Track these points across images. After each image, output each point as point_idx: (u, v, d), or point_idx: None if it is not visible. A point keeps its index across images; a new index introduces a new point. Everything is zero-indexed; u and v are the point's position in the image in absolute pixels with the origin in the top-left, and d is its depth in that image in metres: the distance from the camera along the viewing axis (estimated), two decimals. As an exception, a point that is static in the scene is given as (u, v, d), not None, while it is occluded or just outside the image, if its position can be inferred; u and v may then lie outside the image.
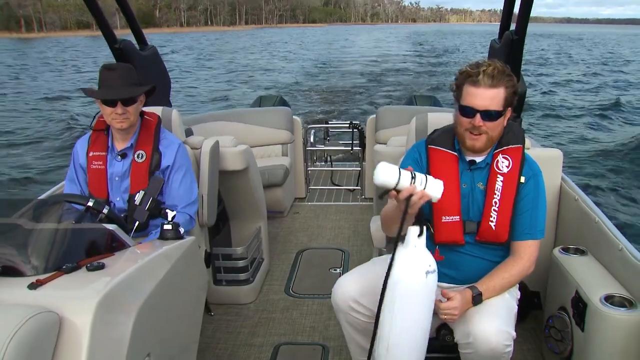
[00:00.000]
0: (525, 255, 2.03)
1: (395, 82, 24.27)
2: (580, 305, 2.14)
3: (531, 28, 3.09)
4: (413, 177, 1.72)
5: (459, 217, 2.05)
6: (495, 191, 2.02)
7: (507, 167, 2.04)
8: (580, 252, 2.46)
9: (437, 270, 1.79)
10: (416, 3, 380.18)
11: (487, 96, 1.90)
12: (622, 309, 1.99)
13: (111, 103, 2.34)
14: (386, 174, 1.70)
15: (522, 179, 2.03)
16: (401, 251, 1.76)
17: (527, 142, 2.80)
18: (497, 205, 2.02)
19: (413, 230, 1.75)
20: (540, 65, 33.74)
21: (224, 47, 59.71)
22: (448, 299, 1.90)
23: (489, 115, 1.93)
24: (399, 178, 1.70)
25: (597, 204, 2.64)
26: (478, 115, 1.93)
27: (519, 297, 2.16)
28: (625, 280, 2.15)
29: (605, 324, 2.00)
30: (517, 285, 2.18)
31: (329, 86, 22.68)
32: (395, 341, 1.80)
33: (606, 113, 16.18)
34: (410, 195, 1.73)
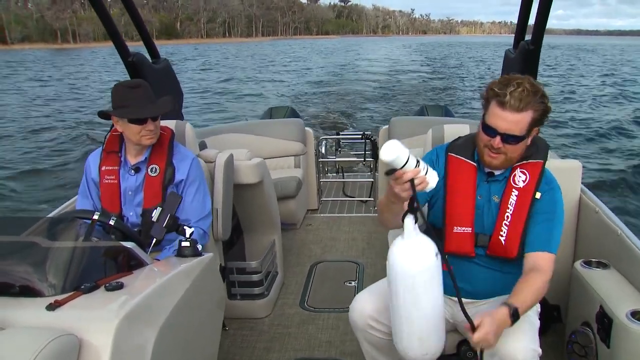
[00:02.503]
0: (545, 267, 1.93)
1: (407, 91, 24.25)
2: (605, 321, 2.09)
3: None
4: (418, 161, 1.67)
5: (470, 228, 2.01)
6: (509, 205, 1.97)
7: (524, 181, 1.98)
8: (602, 265, 2.41)
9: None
10: (427, 15, 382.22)
11: (511, 120, 1.83)
12: None
13: (141, 121, 2.34)
14: (398, 151, 1.61)
15: (538, 195, 1.97)
16: (405, 243, 1.71)
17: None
18: (508, 220, 1.97)
19: (409, 220, 1.71)
20: (551, 74, 33.61)
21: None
22: (477, 327, 1.74)
23: (510, 139, 1.87)
24: (409, 158, 1.64)
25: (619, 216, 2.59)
26: (498, 138, 1.87)
27: (539, 311, 2.12)
28: None
29: (632, 341, 1.95)
30: None
31: (341, 95, 22.73)
32: (419, 329, 1.77)
33: (624, 124, 15.90)
34: (413, 179, 1.67)
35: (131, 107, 2.34)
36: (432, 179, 1.72)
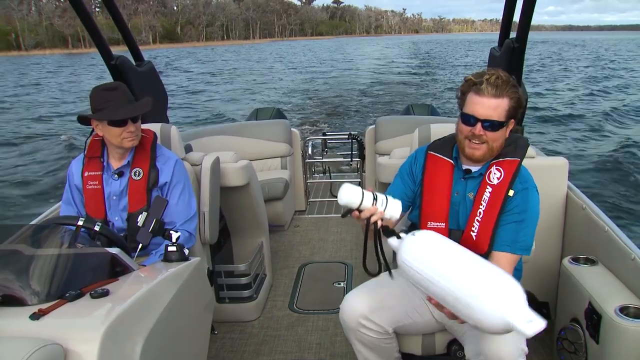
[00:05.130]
0: (500, 267, 1.89)
1: (394, 90, 24.29)
2: (594, 317, 2.10)
3: (532, 36, 3.07)
4: (375, 199, 1.79)
5: (444, 224, 2.04)
6: (482, 202, 1.99)
7: (498, 179, 2.00)
8: (590, 261, 2.42)
9: None
10: (418, 14, 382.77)
11: (489, 105, 1.89)
12: (638, 320, 1.95)
13: (121, 123, 2.31)
14: (350, 194, 1.76)
15: (511, 193, 1.98)
16: (408, 242, 1.78)
17: (532, 151, 2.78)
18: (480, 216, 1.99)
19: (392, 241, 1.84)
20: (536, 70, 33.87)
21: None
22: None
23: (491, 125, 1.91)
24: (362, 199, 1.77)
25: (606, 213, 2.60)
26: (479, 124, 1.91)
27: None
28: (639, 291, 2.11)
29: (621, 336, 1.96)
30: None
31: (327, 96, 22.71)
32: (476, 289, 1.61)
33: (609, 118, 16.02)
34: (371, 215, 1.78)
35: (110, 109, 2.31)
36: (394, 210, 1.81)
